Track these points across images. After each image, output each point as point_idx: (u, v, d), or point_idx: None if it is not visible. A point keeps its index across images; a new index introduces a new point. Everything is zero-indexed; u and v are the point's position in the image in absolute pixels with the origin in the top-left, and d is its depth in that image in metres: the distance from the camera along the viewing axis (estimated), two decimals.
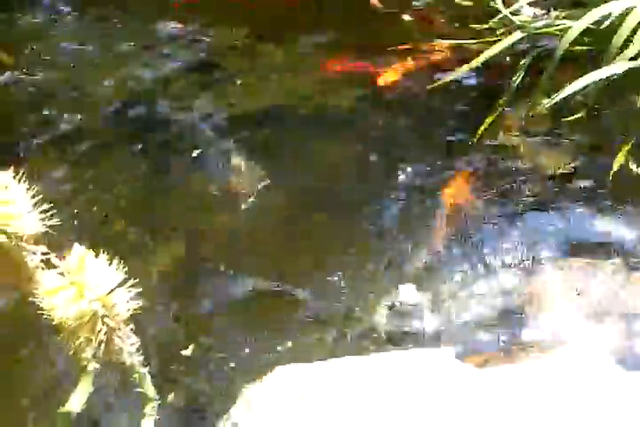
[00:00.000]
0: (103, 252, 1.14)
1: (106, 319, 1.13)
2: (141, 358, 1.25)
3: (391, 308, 1.88)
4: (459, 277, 1.98)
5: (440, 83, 2.63)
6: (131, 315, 1.16)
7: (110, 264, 1.13)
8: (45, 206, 1.12)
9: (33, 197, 1.09)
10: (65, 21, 3.21)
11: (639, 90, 2.51)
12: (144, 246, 2.18)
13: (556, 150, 2.47)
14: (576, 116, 2.40)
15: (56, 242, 1.17)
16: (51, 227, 1.13)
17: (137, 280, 1.15)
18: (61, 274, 1.11)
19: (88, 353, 1.14)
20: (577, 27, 2.34)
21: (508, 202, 2.30)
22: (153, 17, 3.14)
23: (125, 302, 1.14)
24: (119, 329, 1.15)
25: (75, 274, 1.10)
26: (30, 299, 1.14)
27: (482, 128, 2.48)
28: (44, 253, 1.13)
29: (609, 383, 1.37)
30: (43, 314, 1.12)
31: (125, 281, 1.14)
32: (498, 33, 2.85)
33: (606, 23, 2.46)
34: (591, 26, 2.43)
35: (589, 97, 2.37)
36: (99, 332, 1.13)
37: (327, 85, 2.79)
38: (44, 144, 2.61)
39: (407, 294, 1.86)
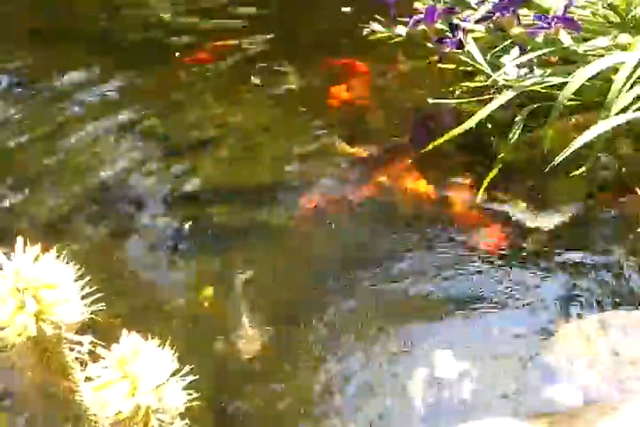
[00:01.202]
0: (152, 336, 1.04)
1: (160, 415, 1.02)
2: None
3: None
4: None
5: (435, 144, 2.64)
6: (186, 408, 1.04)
7: (162, 349, 1.03)
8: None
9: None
10: None
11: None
12: None
13: None
14: (581, 169, 2.41)
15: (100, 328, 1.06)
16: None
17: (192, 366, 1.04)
18: (108, 366, 1.01)
19: None
20: (576, 81, 2.39)
21: None
22: None
23: (180, 393, 1.03)
24: (173, 424, 1.04)
25: (126, 365, 0.99)
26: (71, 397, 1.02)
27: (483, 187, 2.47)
28: (91, 344, 1.02)
29: None
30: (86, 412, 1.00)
31: (179, 369, 1.03)
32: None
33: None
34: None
35: (594, 150, 2.40)
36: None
37: None
38: None
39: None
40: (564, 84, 2.62)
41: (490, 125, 2.83)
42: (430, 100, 2.92)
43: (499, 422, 1.40)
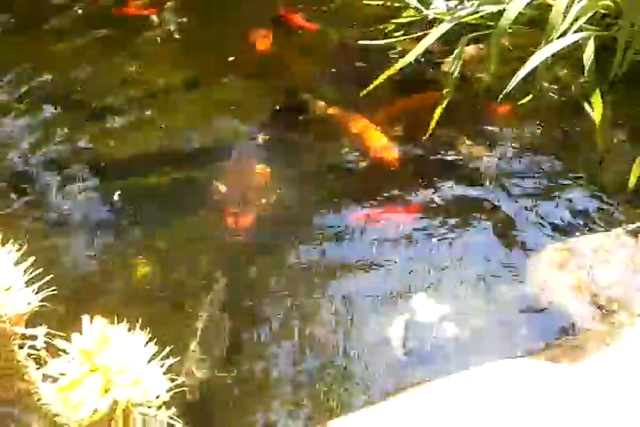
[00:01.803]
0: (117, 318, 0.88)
1: (142, 408, 0.87)
2: None
3: None
4: None
5: (373, 85, 2.50)
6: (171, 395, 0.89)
7: (133, 333, 0.87)
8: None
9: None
10: None
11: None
12: None
13: None
14: (527, 98, 2.34)
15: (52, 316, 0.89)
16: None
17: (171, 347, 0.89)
18: (71, 360, 0.84)
19: None
20: (514, 8, 2.29)
21: None
22: None
23: (162, 379, 0.88)
24: (158, 417, 0.89)
25: (94, 356, 0.83)
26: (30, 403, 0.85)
27: (432, 124, 2.36)
28: (46, 336, 0.85)
29: None
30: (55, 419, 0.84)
31: (158, 352, 0.88)
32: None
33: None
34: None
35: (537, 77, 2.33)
36: (133, 425, 0.86)
37: None
38: None
39: None
40: (499, 13, 2.55)
41: (424, 60, 2.76)
42: (360, 42, 2.78)
43: (510, 362, 1.32)
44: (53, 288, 0.86)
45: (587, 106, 2.36)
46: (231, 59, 2.85)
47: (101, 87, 2.71)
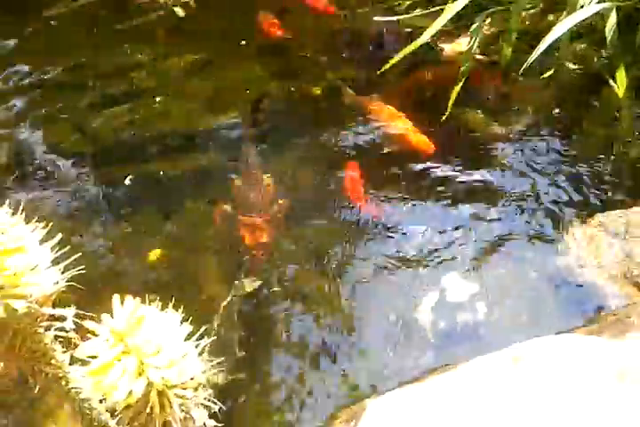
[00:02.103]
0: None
1: (178, 390, 0.82)
2: None
3: None
4: None
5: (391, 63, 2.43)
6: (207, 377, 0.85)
7: (166, 312, 0.83)
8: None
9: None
10: None
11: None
12: None
13: None
14: (549, 73, 2.27)
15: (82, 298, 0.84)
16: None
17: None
18: (103, 342, 0.80)
19: None
20: None
21: None
22: None
23: (198, 360, 0.84)
24: (195, 398, 0.85)
25: (126, 337, 0.78)
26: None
27: (450, 102, 2.29)
28: (76, 317, 0.81)
29: None
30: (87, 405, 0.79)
31: (192, 332, 0.84)
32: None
33: None
34: None
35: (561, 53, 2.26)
36: (171, 408, 0.82)
37: None
38: None
39: None
40: None
41: (444, 38, 2.69)
42: (375, 18, 2.72)
43: (553, 338, 1.28)
44: (81, 268, 0.82)
45: (610, 80, 2.30)
46: (243, 42, 2.80)
47: (107, 70, 2.66)
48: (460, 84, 2.34)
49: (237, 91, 2.57)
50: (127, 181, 2.22)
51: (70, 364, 0.88)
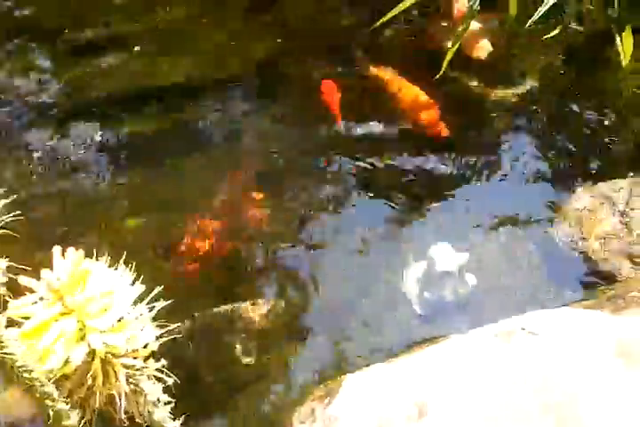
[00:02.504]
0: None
1: (125, 359, 0.72)
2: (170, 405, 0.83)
3: None
4: None
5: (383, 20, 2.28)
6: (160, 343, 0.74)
7: (116, 270, 0.71)
8: None
9: None
10: None
11: None
12: None
13: None
14: (553, 33, 2.14)
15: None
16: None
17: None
18: (40, 300, 0.69)
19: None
20: None
21: None
22: None
23: (150, 325, 0.73)
24: (147, 369, 0.74)
25: (65, 294, 0.67)
26: None
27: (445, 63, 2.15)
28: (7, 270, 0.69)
29: None
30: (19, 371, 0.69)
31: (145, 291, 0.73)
32: None
33: None
34: None
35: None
36: (117, 380, 0.72)
37: None
38: None
39: None
40: None
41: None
42: None
43: (550, 312, 1.18)
44: (18, 212, 0.70)
45: (617, 42, 2.17)
46: None
47: (87, 19, 2.49)
48: (458, 44, 2.21)
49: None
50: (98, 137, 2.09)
51: (7, 326, 0.77)
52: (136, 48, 2.38)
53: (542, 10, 2.00)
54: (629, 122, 2.01)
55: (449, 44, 2.24)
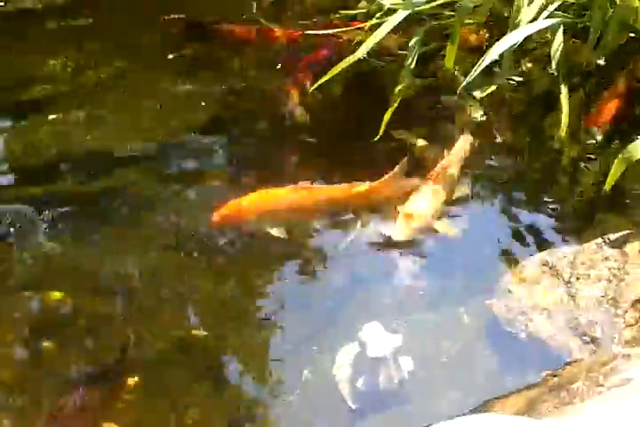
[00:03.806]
0: None
1: None
2: None
3: None
4: None
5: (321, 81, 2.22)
6: None
7: None
8: None
9: None
10: None
11: None
12: None
13: None
14: (489, 91, 2.09)
15: None
16: None
17: None
18: None
19: None
20: None
21: None
22: None
23: None
24: None
25: None
26: None
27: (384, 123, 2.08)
28: None
29: None
30: None
31: None
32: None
33: None
34: None
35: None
36: None
37: None
38: None
39: None
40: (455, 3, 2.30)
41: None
42: (310, 32, 2.50)
43: (475, 420, 1.04)
44: None
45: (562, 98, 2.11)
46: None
47: (19, 79, 2.39)
48: (395, 104, 2.14)
49: None
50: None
51: None
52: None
53: (475, 71, 1.94)
54: (571, 188, 1.94)
55: None
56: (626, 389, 1.11)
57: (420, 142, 2.17)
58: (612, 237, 1.59)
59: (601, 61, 2.18)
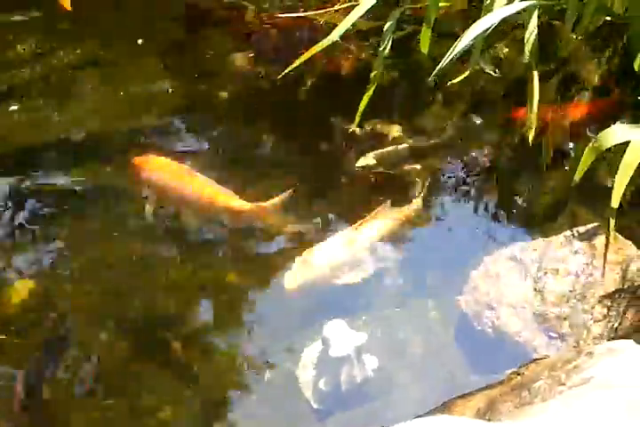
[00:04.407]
0: None
1: None
2: None
3: None
4: None
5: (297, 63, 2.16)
6: None
7: None
8: None
9: None
10: None
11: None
12: None
13: None
14: (460, 78, 2.03)
15: None
16: None
17: None
18: None
19: None
20: None
21: None
22: None
23: None
24: None
25: None
26: None
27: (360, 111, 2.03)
28: None
29: None
30: None
31: None
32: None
33: None
34: None
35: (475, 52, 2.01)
36: None
37: None
38: None
39: None
40: None
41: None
42: (281, 15, 2.44)
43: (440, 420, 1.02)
44: None
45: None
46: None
47: None
48: (369, 93, 2.09)
49: None
50: None
51: None
52: None
53: (448, 57, 1.89)
54: (543, 181, 1.90)
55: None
56: (585, 388, 1.10)
57: (395, 132, 2.14)
58: (581, 229, 1.57)
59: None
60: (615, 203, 1.51)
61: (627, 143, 1.55)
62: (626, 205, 1.76)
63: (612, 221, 1.52)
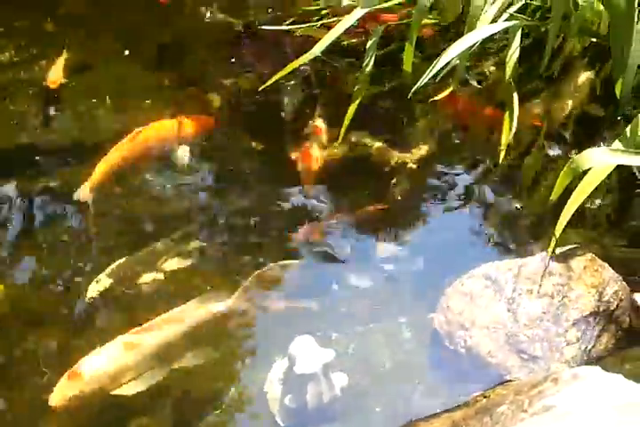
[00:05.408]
0: None
1: None
2: None
3: None
4: None
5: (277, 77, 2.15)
6: None
7: None
8: None
9: None
10: None
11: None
12: None
13: None
14: (443, 94, 2.02)
15: None
16: None
17: None
18: None
19: None
20: None
21: None
22: None
23: None
24: None
25: None
26: None
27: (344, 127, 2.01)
28: None
29: None
30: None
31: None
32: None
33: None
34: None
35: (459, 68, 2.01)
36: None
37: None
38: None
39: None
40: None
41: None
42: (265, 27, 2.42)
43: None
44: None
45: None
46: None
47: None
48: (354, 106, 2.07)
49: None
50: None
51: None
52: None
53: (429, 74, 1.88)
54: (522, 199, 1.88)
55: None
56: (545, 417, 1.07)
57: (377, 144, 2.12)
58: (558, 250, 1.55)
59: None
60: (560, 227, 1.49)
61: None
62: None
63: (553, 244, 1.50)
